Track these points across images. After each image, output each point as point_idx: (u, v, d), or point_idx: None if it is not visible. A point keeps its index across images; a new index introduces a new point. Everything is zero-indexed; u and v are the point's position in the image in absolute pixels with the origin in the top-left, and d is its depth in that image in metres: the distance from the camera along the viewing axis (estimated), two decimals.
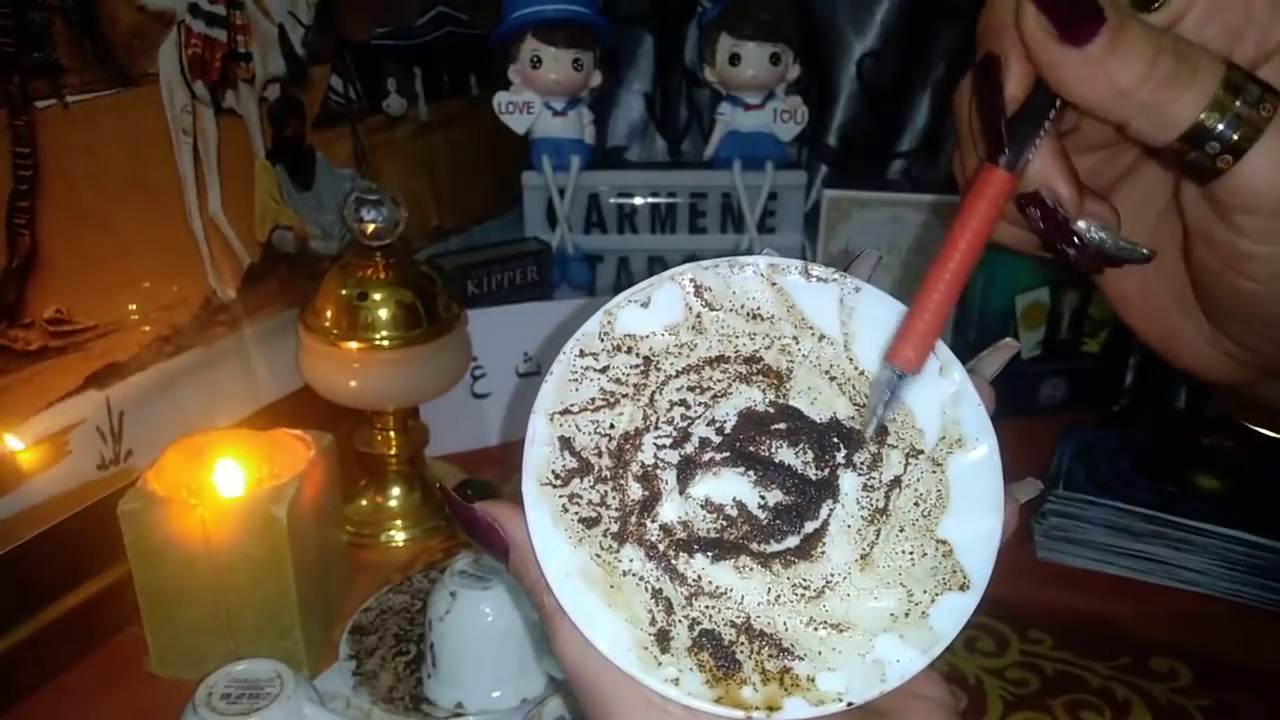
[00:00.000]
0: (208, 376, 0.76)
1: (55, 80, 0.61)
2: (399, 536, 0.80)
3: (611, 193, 1.04)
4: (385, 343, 0.75)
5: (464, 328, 0.80)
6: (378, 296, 0.75)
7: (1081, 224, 0.32)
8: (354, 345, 0.74)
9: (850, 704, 0.30)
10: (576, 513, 0.32)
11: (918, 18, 1.07)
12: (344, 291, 0.75)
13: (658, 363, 0.33)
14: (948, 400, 0.33)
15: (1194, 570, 0.73)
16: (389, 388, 0.77)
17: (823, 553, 0.32)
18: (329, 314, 0.75)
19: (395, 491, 0.83)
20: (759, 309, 0.33)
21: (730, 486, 0.32)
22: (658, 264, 1.06)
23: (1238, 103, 0.27)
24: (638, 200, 1.04)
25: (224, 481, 0.64)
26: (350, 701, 0.61)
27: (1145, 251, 0.32)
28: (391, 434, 0.81)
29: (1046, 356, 0.98)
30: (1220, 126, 0.27)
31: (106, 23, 0.64)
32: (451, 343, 0.78)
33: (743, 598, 0.31)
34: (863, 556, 0.32)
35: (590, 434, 0.32)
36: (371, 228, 0.74)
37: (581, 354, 0.33)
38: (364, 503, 0.82)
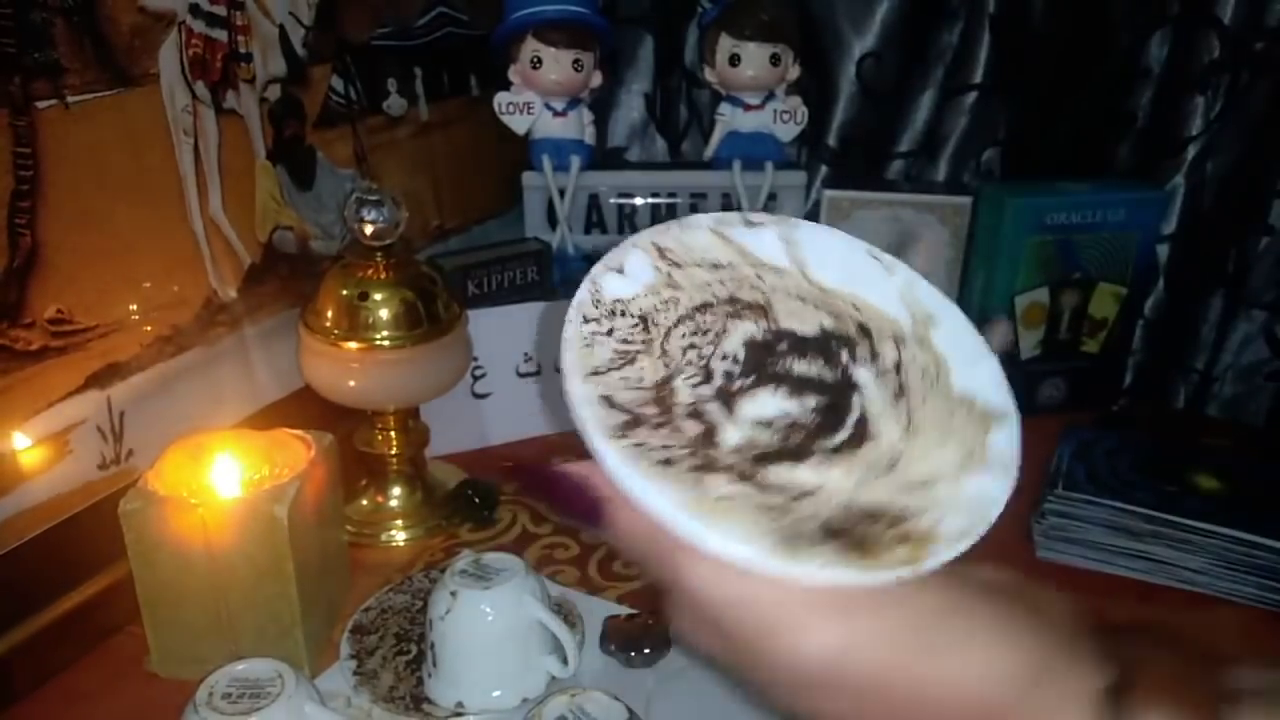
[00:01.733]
0: (208, 376, 0.76)
1: (56, 80, 0.61)
2: (399, 536, 0.80)
3: (611, 193, 1.04)
4: (385, 343, 0.75)
5: (464, 328, 0.80)
6: (378, 297, 0.75)
7: None
8: (354, 345, 0.75)
9: (978, 535, 0.32)
10: (653, 458, 0.32)
11: (918, 18, 1.07)
12: (344, 291, 0.75)
13: (653, 319, 0.36)
14: (904, 290, 0.37)
15: (1194, 570, 0.73)
16: (389, 388, 0.77)
17: (877, 433, 0.35)
18: (329, 314, 0.75)
19: (396, 491, 0.83)
20: (717, 259, 0.37)
21: (770, 404, 0.35)
22: None
23: None
24: (638, 200, 1.04)
25: (224, 481, 0.64)
26: (351, 701, 0.61)
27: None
28: (392, 434, 0.81)
29: (1046, 356, 0.98)
30: None
31: (107, 23, 0.64)
32: (451, 343, 0.78)
33: (836, 487, 0.33)
34: (908, 427, 0.35)
35: (625, 389, 0.34)
36: (372, 228, 0.74)
37: (585, 320, 0.35)
38: (364, 502, 0.82)
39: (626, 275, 0.36)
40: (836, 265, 0.37)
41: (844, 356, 0.36)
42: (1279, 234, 0.99)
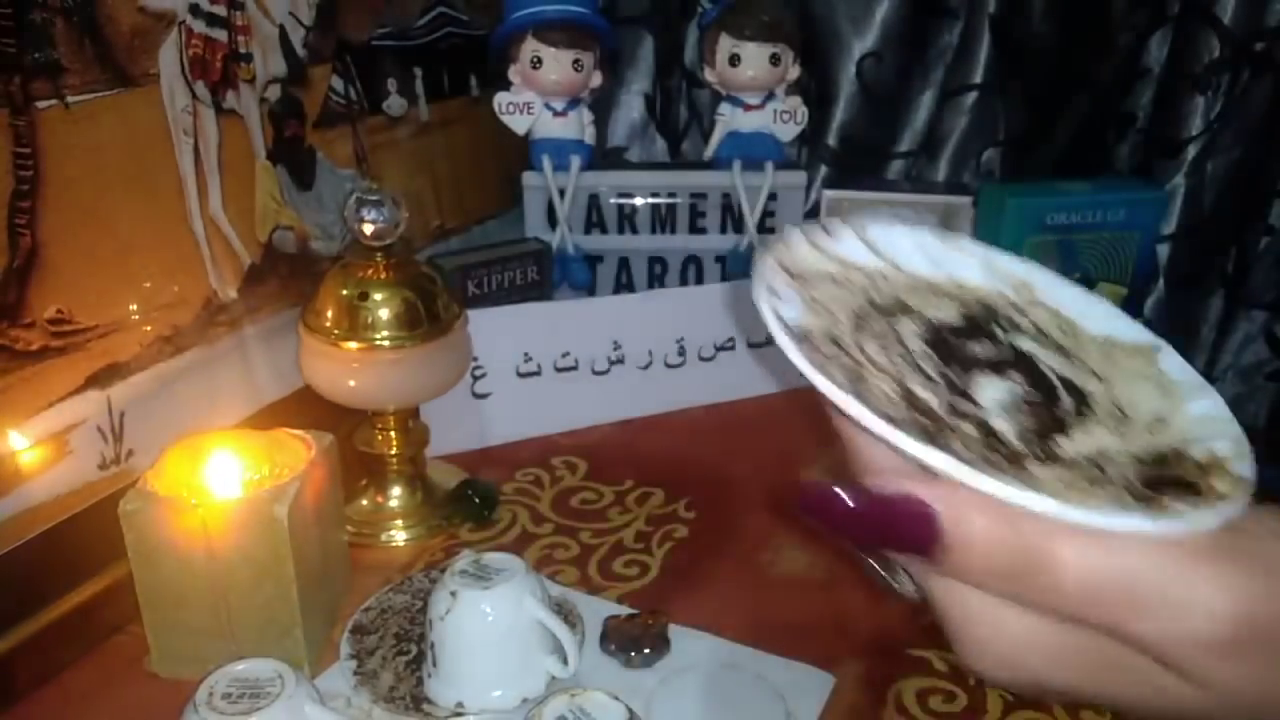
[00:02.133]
0: (208, 376, 0.76)
1: (56, 80, 0.61)
2: (399, 536, 0.80)
3: (611, 193, 1.04)
4: (385, 343, 0.75)
5: (464, 328, 0.80)
6: (378, 297, 0.75)
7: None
8: (354, 345, 0.75)
9: (1248, 445, 0.30)
10: (977, 457, 0.29)
11: (918, 18, 1.07)
12: (344, 292, 0.75)
13: (837, 338, 0.33)
14: (983, 265, 0.37)
15: None
16: (389, 388, 0.77)
17: (1085, 390, 0.34)
18: (329, 314, 0.75)
19: (396, 491, 0.83)
20: (828, 270, 0.35)
21: (992, 389, 0.33)
22: (657, 264, 1.07)
23: None
24: (638, 200, 1.04)
25: (224, 481, 0.64)
26: (351, 701, 0.61)
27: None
28: (392, 434, 0.81)
29: None
30: None
31: (107, 23, 0.64)
32: (451, 343, 0.78)
33: (1115, 446, 0.32)
34: (1098, 378, 0.34)
35: (891, 404, 0.31)
36: (372, 228, 0.74)
37: (797, 343, 0.31)
38: (364, 502, 0.82)
39: (783, 300, 0.33)
40: (919, 255, 0.37)
41: (999, 333, 0.35)
42: (1279, 234, 0.99)
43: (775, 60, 0.99)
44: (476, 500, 0.82)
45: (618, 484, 0.86)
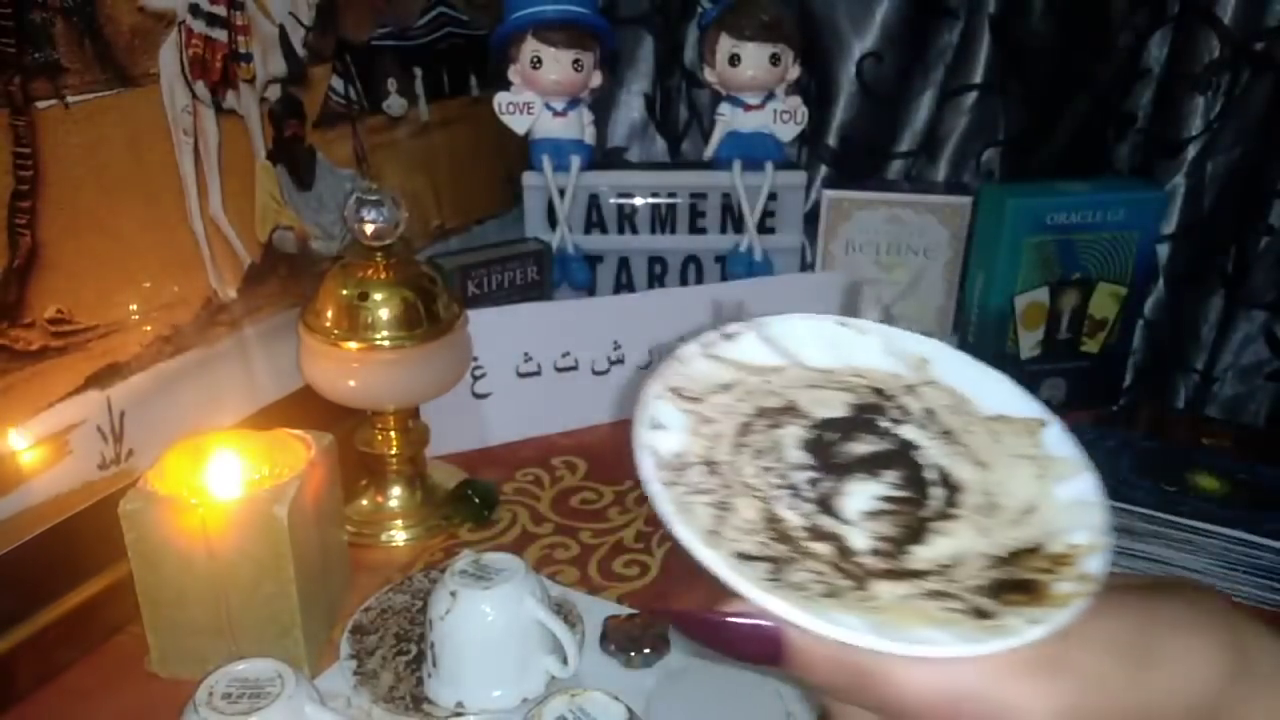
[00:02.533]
0: (208, 376, 0.76)
1: (56, 80, 0.61)
2: (399, 536, 0.80)
3: (611, 193, 1.04)
4: (385, 343, 0.75)
5: (464, 328, 0.80)
6: (378, 296, 0.75)
7: None
8: (354, 345, 0.75)
9: (1107, 533, 0.32)
10: (813, 593, 0.32)
11: (918, 18, 1.07)
12: (344, 291, 0.75)
13: (713, 460, 0.35)
14: (885, 346, 0.37)
15: (1194, 570, 0.73)
16: (389, 388, 0.77)
17: (961, 481, 0.35)
18: (329, 314, 0.75)
19: (396, 491, 0.83)
20: (723, 379, 0.36)
21: (863, 494, 0.34)
22: (657, 264, 1.07)
23: None
24: (638, 200, 1.04)
25: (224, 481, 0.64)
26: (351, 701, 0.61)
27: None
28: (392, 434, 0.81)
29: (1046, 356, 0.98)
30: None
31: (107, 23, 0.64)
32: (451, 343, 0.78)
33: (970, 548, 0.33)
34: (978, 463, 0.35)
35: (745, 537, 0.33)
36: (372, 228, 0.74)
37: (666, 485, 0.33)
38: (364, 502, 0.82)
39: (666, 429, 0.35)
40: (819, 345, 0.38)
41: (884, 423, 0.36)
42: (1279, 234, 0.99)
43: (775, 60, 0.99)
44: (476, 500, 0.82)
45: (618, 484, 0.86)
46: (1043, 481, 0.34)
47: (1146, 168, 1.04)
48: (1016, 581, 0.31)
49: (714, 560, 0.31)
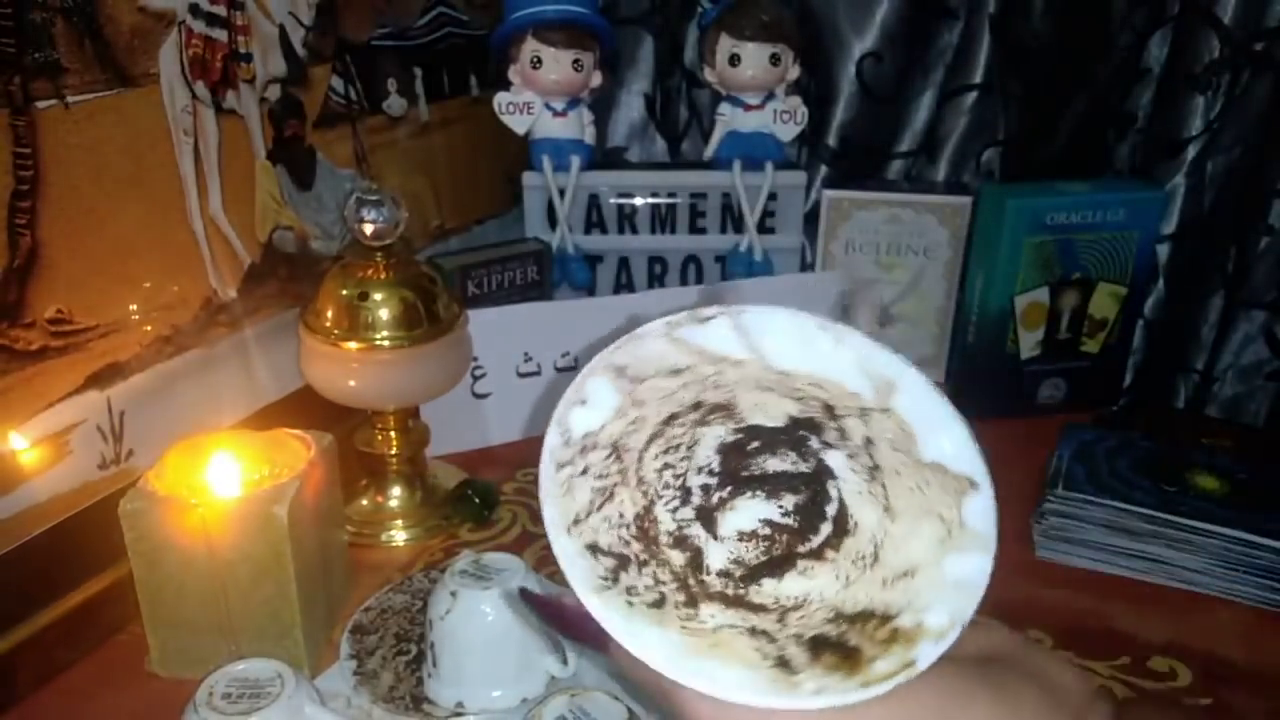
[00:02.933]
0: (208, 376, 0.76)
1: (56, 80, 0.61)
2: (399, 536, 0.80)
3: (611, 193, 1.04)
4: (385, 343, 0.75)
5: (464, 328, 0.80)
6: (378, 296, 0.75)
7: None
8: (354, 345, 0.75)
9: (964, 623, 0.32)
10: (642, 600, 0.33)
11: (918, 18, 1.07)
12: (344, 291, 0.75)
13: (624, 445, 0.35)
14: (859, 360, 0.35)
15: (1194, 570, 0.73)
16: (389, 388, 0.77)
17: (856, 524, 0.34)
18: (329, 314, 0.75)
19: (396, 491, 0.83)
20: (675, 364, 0.35)
21: (750, 512, 0.35)
22: (657, 264, 1.07)
23: None
24: (638, 200, 1.04)
25: (224, 481, 0.64)
26: (351, 701, 0.61)
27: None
28: (392, 434, 0.81)
29: (1046, 356, 0.98)
30: None
31: (107, 23, 0.65)
32: (451, 343, 0.78)
33: (821, 594, 0.34)
34: (886, 509, 0.34)
35: (608, 530, 0.34)
36: (372, 228, 0.74)
37: (559, 466, 0.34)
38: (364, 502, 0.82)
39: (590, 405, 0.34)
40: (790, 344, 0.35)
41: (814, 443, 0.35)
42: (1279, 234, 0.99)
43: (775, 60, 0.99)
44: (476, 500, 0.82)
45: None
46: (940, 547, 0.33)
47: (1146, 168, 1.04)
48: (841, 645, 0.32)
49: (560, 547, 0.33)
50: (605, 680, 0.60)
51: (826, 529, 0.34)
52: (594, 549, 0.33)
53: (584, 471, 0.34)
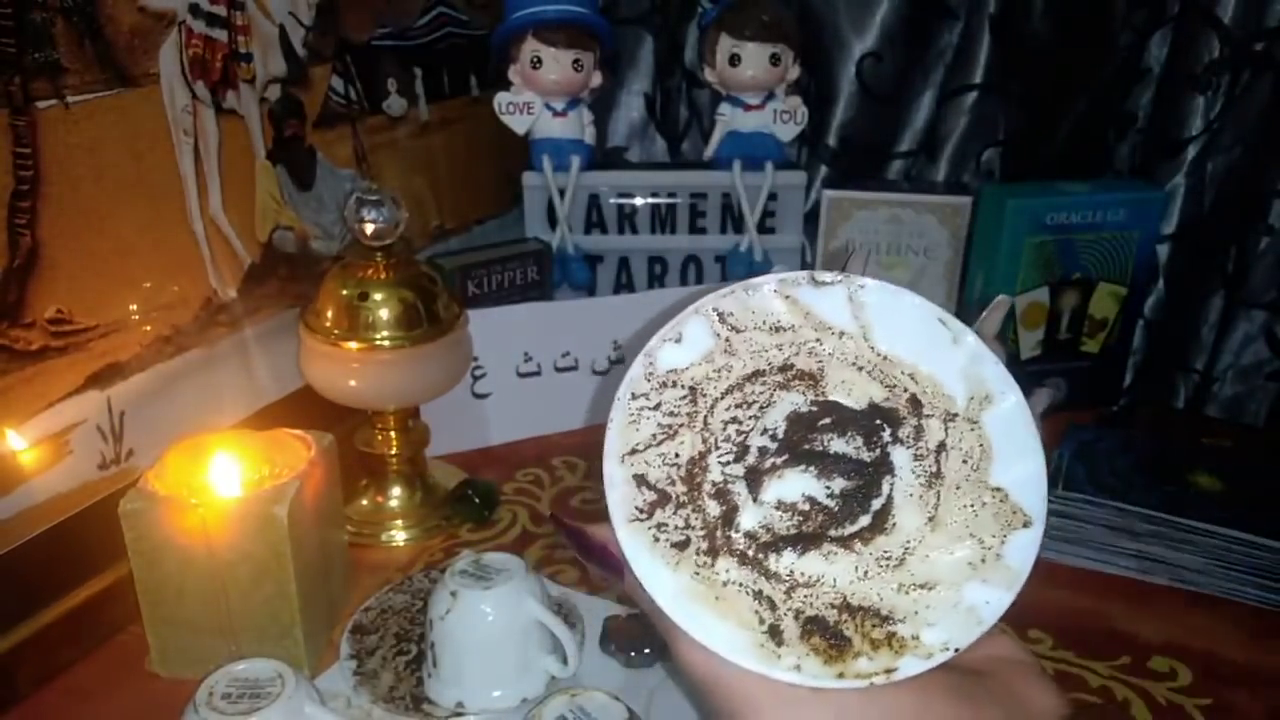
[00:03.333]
0: (208, 376, 0.76)
1: (56, 80, 0.61)
2: (399, 536, 0.80)
3: (611, 193, 1.04)
4: (385, 343, 0.75)
5: (464, 328, 0.80)
6: (378, 296, 0.75)
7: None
8: (354, 345, 0.75)
9: (956, 649, 0.32)
10: (668, 539, 0.34)
11: (918, 18, 1.07)
12: (344, 291, 0.75)
13: (702, 389, 0.35)
14: (967, 364, 0.35)
15: (1194, 570, 0.73)
16: (389, 388, 0.77)
17: (894, 524, 0.34)
18: (329, 314, 0.75)
19: (396, 491, 0.83)
20: (779, 321, 0.36)
21: (797, 485, 0.35)
22: (657, 264, 1.07)
23: None
24: (638, 200, 1.04)
25: (224, 481, 0.64)
26: (351, 701, 0.61)
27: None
28: (392, 434, 0.81)
29: (1046, 356, 0.98)
30: None
31: (107, 23, 0.64)
32: (451, 343, 0.78)
33: (835, 580, 0.34)
34: (930, 519, 0.34)
35: (660, 466, 0.35)
36: (372, 228, 0.74)
37: (634, 396, 0.35)
38: (364, 502, 0.82)
39: (684, 344, 0.35)
40: (901, 329, 0.35)
41: (885, 435, 0.35)
42: (1279, 234, 0.99)
43: (775, 60, 0.99)
44: (476, 500, 0.82)
45: None
46: (968, 571, 0.34)
47: (1146, 168, 1.04)
48: (835, 632, 0.33)
49: (610, 470, 0.34)
50: (605, 680, 0.60)
51: (864, 521, 0.35)
52: (641, 480, 0.34)
53: (656, 407, 0.35)
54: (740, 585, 0.34)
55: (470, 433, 0.92)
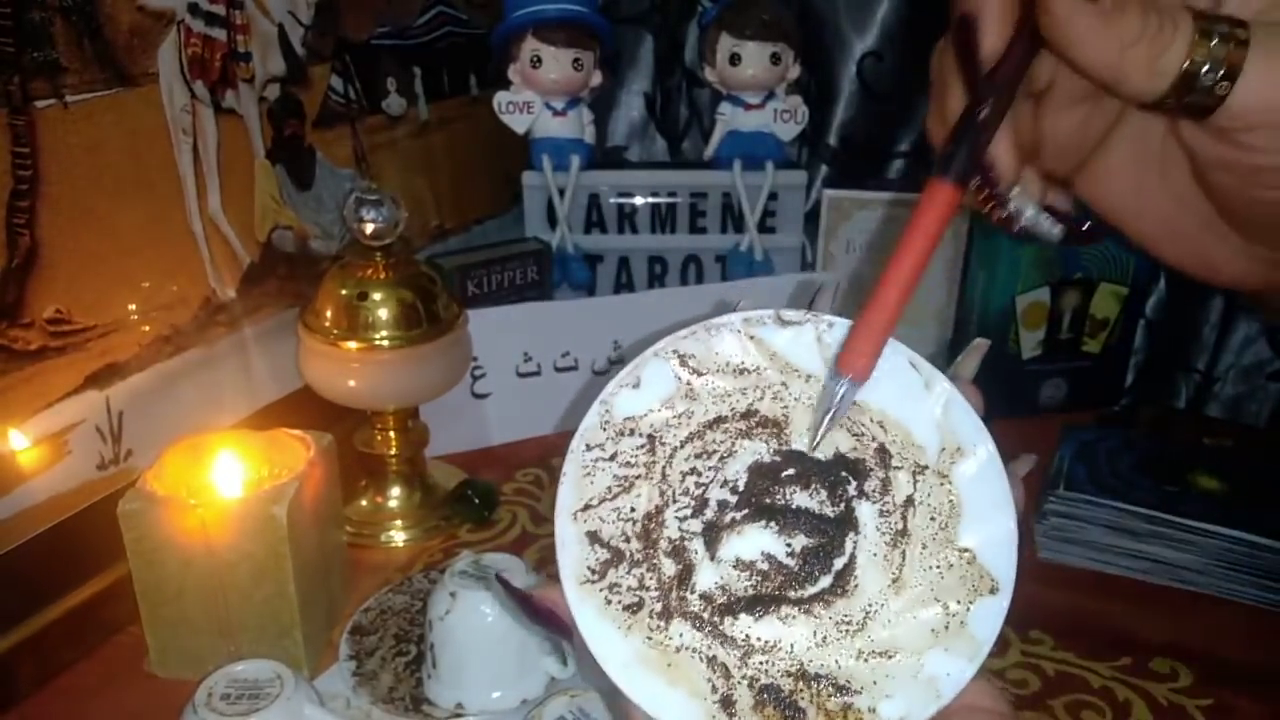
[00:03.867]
0: (208, 376, 0.76)
1: (55, 80, 0.61)
2: (399, 537, 0.80)
3: (611, 193, 1.04)
4: (385, 343, 0.75)
5: (464, 328, 0.80)
6: (378, 296, 0.75)
7: (1014, 192, 0.34)
8: (354, 345, 0.74)
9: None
10: (620, 601, 0.33)
11: (918, 18, 1.07)
12: (344, 291, 0.75)
13: (661, 438, 0.34)
14: (939, 412, 0.33)
15: (1194, 570, 0.73)
16: (389, 388, 0.77)
17: (856, 585, 0.33)
18: (329, 314, 0.75)
19: (395, 491, 0.83)
20: (743, 364, 0.34)
21: (756, 541, 0.33)
22: (657, 264, 1.06)
23: (1214, 41, 0.29)
24: (638, 200, 1.04)
25: (224, 481, 0.64)
26: (350, 702, 0.61)
27: (1055, 231, 0.35)
28: (391, 434, 0.81)
29: (1046, 356, 0.98)
30: (1206, 67, 0.29)
31: (106, 22, 0.64)
32: (451, 343, 0.78)
33: (792, 646, 0.32)
34: (894, 580, 0.32)
35: (614, 522, 0.33)
36: (371, 228, 0.74)
37: (588, 447, 0.33)
38: (364, 503, 0.82)
39: (642, 388, 0.33)
40: (876, 373, 0.33)
41: (850, 489, 0.33)
42: None
43: (775, 59, 0.99)
44: (476, 500, 0.82)
45: None
46: (930, 638, 0.32)
47: None
48: (789, 703, 0.31)
49: (561, 528, 0.33)
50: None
51: (825, 582, 0.33)
52: (594, 538, 0.33)
53: (612, 457, 0.33)
54: (694, 651, 0.32)
55: (470, 433, 0.92)
